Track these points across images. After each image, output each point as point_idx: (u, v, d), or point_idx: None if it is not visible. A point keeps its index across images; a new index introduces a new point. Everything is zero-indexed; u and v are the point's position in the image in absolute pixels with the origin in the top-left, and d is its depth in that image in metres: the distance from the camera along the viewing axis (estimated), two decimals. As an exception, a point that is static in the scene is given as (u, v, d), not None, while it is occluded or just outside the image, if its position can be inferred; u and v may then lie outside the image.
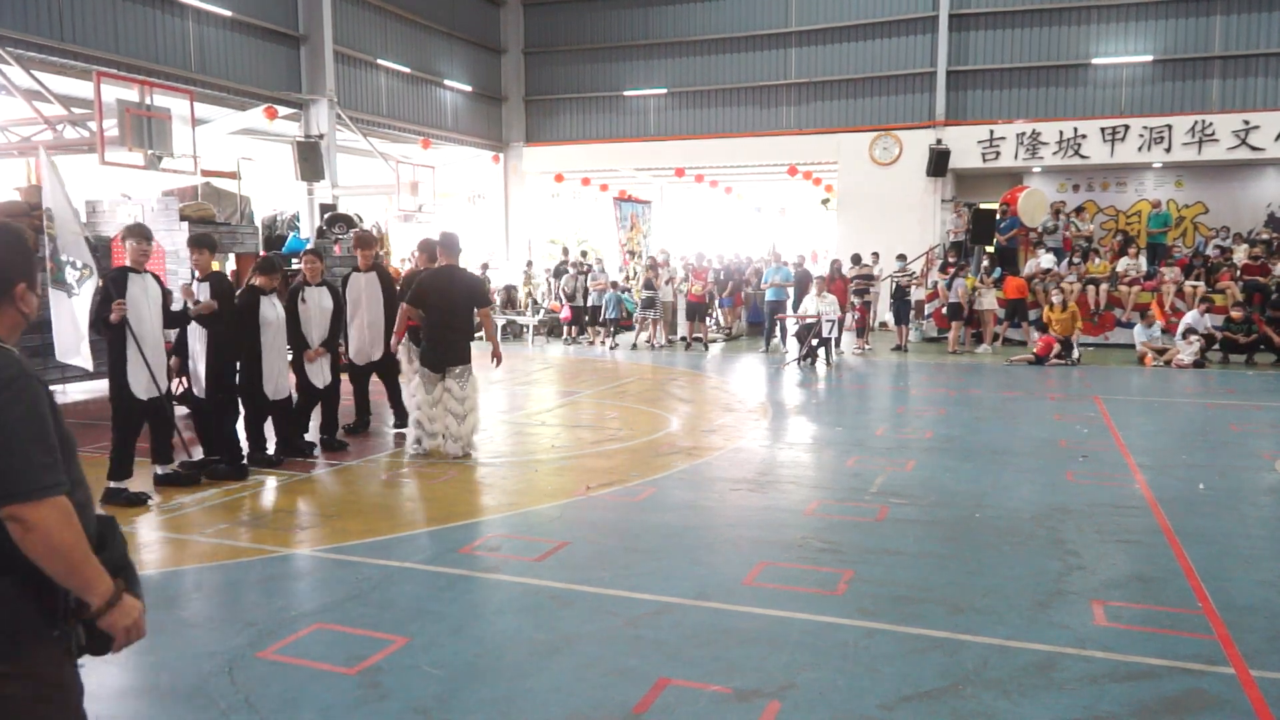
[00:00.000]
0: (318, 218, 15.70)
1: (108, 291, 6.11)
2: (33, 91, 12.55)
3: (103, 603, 1.91)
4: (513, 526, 5.73)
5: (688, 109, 23.02)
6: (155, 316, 6.39)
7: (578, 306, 17.97)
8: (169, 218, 10.44)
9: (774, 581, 4.66)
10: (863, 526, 5.64)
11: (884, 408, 10.85)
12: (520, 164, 24.76)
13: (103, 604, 1.91)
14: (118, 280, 6.20)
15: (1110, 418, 9.31)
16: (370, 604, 4.40)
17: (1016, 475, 7.00)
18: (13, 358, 1.91)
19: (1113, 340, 15.82)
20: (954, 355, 15.22)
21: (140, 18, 14.60)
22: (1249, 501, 6.25)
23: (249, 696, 3.47)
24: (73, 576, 1.86)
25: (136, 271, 6.31)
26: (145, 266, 6.40)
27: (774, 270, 16.35)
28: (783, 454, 7.93)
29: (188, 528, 5.69)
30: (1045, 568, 4.87)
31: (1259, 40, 18.51)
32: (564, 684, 3.57)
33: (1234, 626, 4.06)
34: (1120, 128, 19.04)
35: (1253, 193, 19.74)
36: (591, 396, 11.26)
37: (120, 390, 6.20)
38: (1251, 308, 14.44)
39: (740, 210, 30.78)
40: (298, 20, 17.79)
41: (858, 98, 21.42)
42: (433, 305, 7.45)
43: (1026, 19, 19.89)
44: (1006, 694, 3.47)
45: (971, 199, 20.17)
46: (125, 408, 6.24)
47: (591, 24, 23.56)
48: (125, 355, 6.17)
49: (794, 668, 3.69)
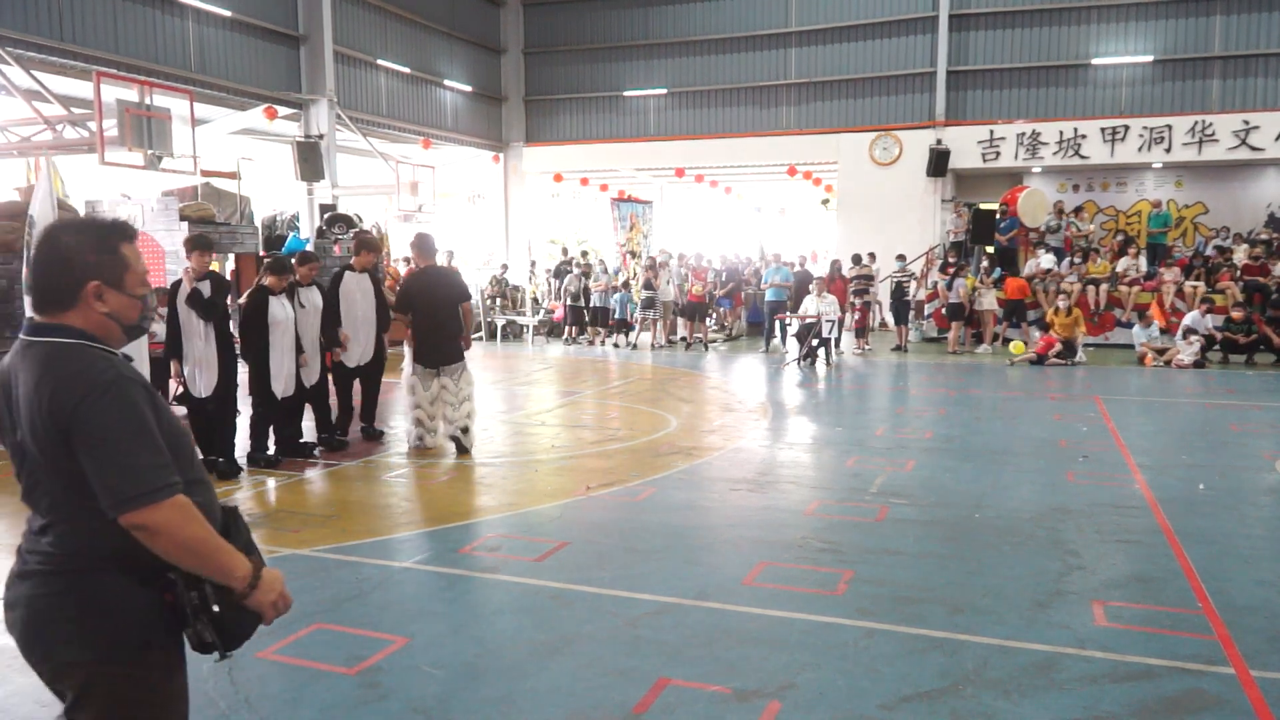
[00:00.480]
0: (317, 218, 15.70)
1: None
2: (33, 91, 12.54)
3: (245, 585, 1.94)
4: (513, 526, 5.73)
5: (688, 109, 23.02)
6: None
7: (579, 307, 17.97)
8: (169, 218, 10.44)
9: (774, 581, 4.66)
10: (863, 526, 5.64)
11: (884, 408, 10.85)
12: (520, 164, 24.76)
13: (245, 586, 1.94)
14: None
15: (1110, 418, 9.31)
16: (370, 604, 4.40)
17: (1016, 475, 7.00)
18: (109, 361, 1.92)
19: (1113, 340, 15.82)
20: (954, 355, 15.22)
21: (140, 18, 14.59)
22: (1249, 501, 6.25)
23: (249, 696, 3.47)
24: (208, 567, 1.89)
25: None
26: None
27: (774, 270, 16.34)
28: (783, 454, 7.93)
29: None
30: (1045, 568, 4.87)
31: (1259, 40, 18.50)
32: (564, 684, 3.57)
33: (1234, 626, 4.06)
34: (1120, 128, 19.04)
35: (1253, 193, 19.74)
36: (591, 396, 11.27)
37: None
38: (1252, 308, 14.45)
39: (740, 210, 30.77)
40: (298, 20, 17.78)
41: (858, 98, 21.41)
42: (418, 308, 7.59)
43: (1026, 19, 19.89)
44: (1006, 694, 3.47)
45: (971, 199, 20.17)
46: None
47: (591, 24, 23.55)
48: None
49: (794, 668, 3.69)
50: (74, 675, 1.92)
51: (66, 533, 1.91)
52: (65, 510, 1.91)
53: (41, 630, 1.92)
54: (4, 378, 1.96)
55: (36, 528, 1.95)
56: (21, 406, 1.89)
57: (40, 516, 1.94)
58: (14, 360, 1.95)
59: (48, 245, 1.96)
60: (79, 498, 1.86)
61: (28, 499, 1.97)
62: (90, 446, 1.81)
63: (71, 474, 1.85)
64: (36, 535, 1.95)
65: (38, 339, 1.93)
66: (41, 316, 1.96)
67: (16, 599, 1.94)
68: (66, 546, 1.91)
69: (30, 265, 2.02)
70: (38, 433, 1.86)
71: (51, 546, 1.91)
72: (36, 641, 1.92)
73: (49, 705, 3.43)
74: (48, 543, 1.92)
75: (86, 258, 1.95)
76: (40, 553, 1.93)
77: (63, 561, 1.91)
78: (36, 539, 1.94)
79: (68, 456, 1.84)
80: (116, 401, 1.85)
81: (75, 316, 1.94)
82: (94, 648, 1.89)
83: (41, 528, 1.93)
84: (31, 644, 1.93)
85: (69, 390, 1.83)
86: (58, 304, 1.94)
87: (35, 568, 1.92)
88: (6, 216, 9.92)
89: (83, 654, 1.90)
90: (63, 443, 1.84)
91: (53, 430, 1.84)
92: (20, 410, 1.90)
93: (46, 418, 1.84)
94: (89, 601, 1.89)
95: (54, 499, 1.91)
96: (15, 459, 1.98)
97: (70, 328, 1.93)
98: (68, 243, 1.95)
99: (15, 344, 1.97)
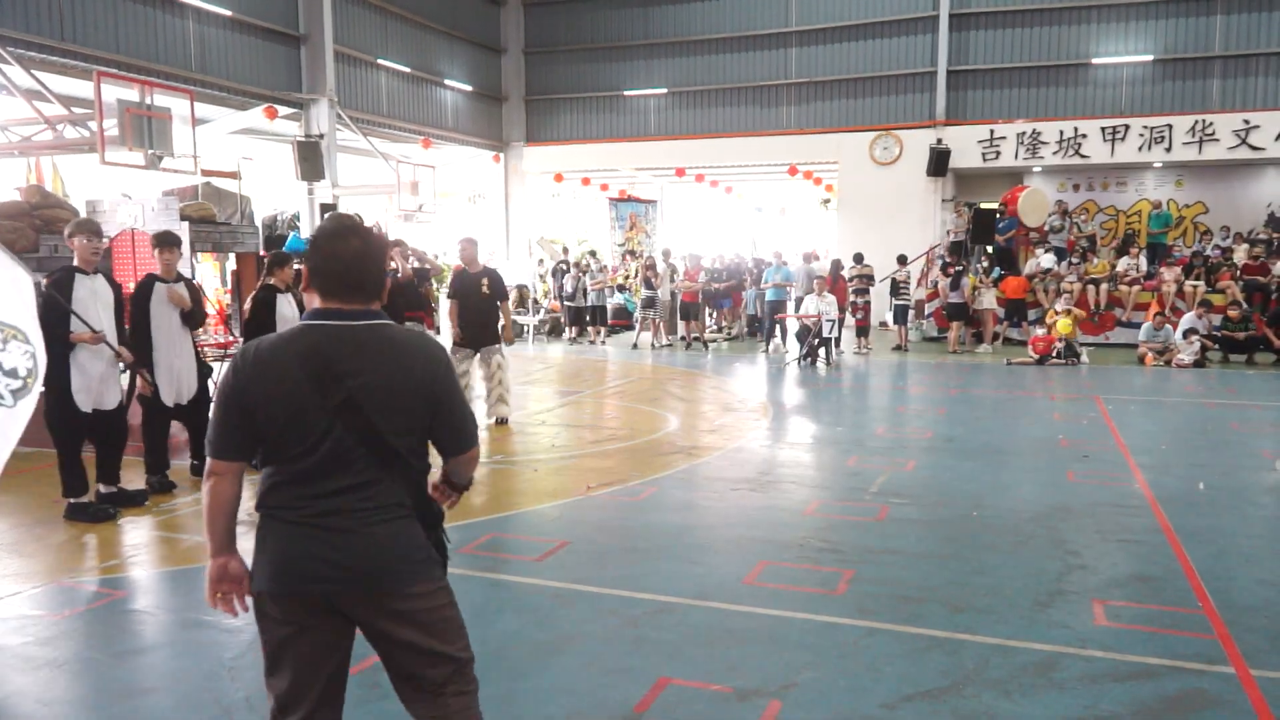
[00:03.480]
0: (318, 217, 15.71)
1: (52, 297, 5.46)
2: (33, 91, 12.54)
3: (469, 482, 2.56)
4: (513, 526, 5.73)
5: (688, 109, 23.02)
6: (109, 321, 5.82)
7: (578, 307, 17.96)
8: (169, 217, 10.43)
9: (774, 581, 4.66)
10: (863, 526, 5.64)
11: (884, 407, 10.85)
12: (520, 164, 24.76)
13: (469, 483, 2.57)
14: (62, 283, 5.60)
15: (1110, 417, 9.31)
16: (370, 603, 4.39)
17: (1017, 475, 7.00)
18: (436, 340, 2.45)
19: (1113, 340, 15.82)
20: (954, 355, 15.22)
21: (140, 17, 14.60)
22: (1249, 501, 6.25)
23: (249, 696, 3.47)
24: (468, 471, 2.52)
25: (84, 272, 5.73)
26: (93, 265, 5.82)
27: (774, 270, 16.33)
28: (783, 454, 7.92)
29: (184, 528, 5.69)
30: (1045, 567, 4.87)
31: (1259, 40, 18.50)
32: (564, 683, 3.57)
33: (1234, 626, 4.06)
34: (1120, 127, 19.04)
35: (1253, 192, 19.73)
36: (592, 396, 11.27)
37: (61, 402, 5.62)
38: (1252, 308, 14.44)
39: (740, 210, 30.76)
40: (298, 20, 17.78)
41: (858, 97, 21.41)
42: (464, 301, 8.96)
43: (1027, 19, 19.88)
44: (1007, 693, 3.47)
45: (972, 199, 20.16)
46: (66, 421, 5.66)
47: (592, 24, 23.55)
48: (68, 364, 5.59)
49: (794, 667, 3.69)
50: (424, 598, 2.28)
51: (397, 483, 2.26)
52: (396, 466, 2.25)
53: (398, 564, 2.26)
54: (316, 354, 2.20)
55: (351, 485, 2.21)
56: (370, 377, 2.19)
57: (355, 476, 2.22)
58: (327, 340, 2.21)
59: (368, 246, 2.28)
60: (407, 455, 2.26)
61: (334, 463, 2.20)
62: (453, 403, 2.32)
63: (420, 430, 2.29)
64: (353, 491, 2.22)
65: (360, 323, 2.25)
66: (354, 305, 2.25)
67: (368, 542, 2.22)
68: (394, 497, 2.26)
69: (341, 261, 2.26)
70: (397, 397, 2.22)
71: (382, 498, 2.24)
72: (386, 576, 2.24)
73: (49, 704, 3.44)
74: (377, 494, 2.24)
75: (385, 255, 2.46)
76: (375, 503, 2.24)
77: (396, 509, 2.26)
78: (353, 495, 2.22)
79: (423, 415, 2.27)
80: (452, 372, 2.37)
81: (376, 303, 2.30)
82: (433, 569, 2.32)
83: (363, 483, 2.22)
84: (380, 579, 2.23)
85: (437, 361, 2.29)
86: (375, 294, 2.30)
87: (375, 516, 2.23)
88: (6, 216, 9.92)
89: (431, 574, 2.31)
90: (424, 404, 2.26)
91: (418, 393, 2.24)
92: (365, 380, 2.19)
93: (418, 383, 2.24)
94: (417, 536, 2.30)
95: (383, 459, 2.23)
96: (315, 425, 2.18)
97: (381, 312, 2.30)
98: (377, 244, 2.33)
99: (325, 327, 2.23)
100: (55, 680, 3.64)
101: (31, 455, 7.76)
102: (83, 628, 4.17)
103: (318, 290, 2.27)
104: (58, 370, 5.45)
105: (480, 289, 8.90)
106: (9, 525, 5.78)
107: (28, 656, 3.83)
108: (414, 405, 2.25)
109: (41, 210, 10.35)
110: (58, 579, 4.79)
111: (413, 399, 2.24)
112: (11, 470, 7.22)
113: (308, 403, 2.18)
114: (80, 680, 3.67)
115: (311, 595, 2.22)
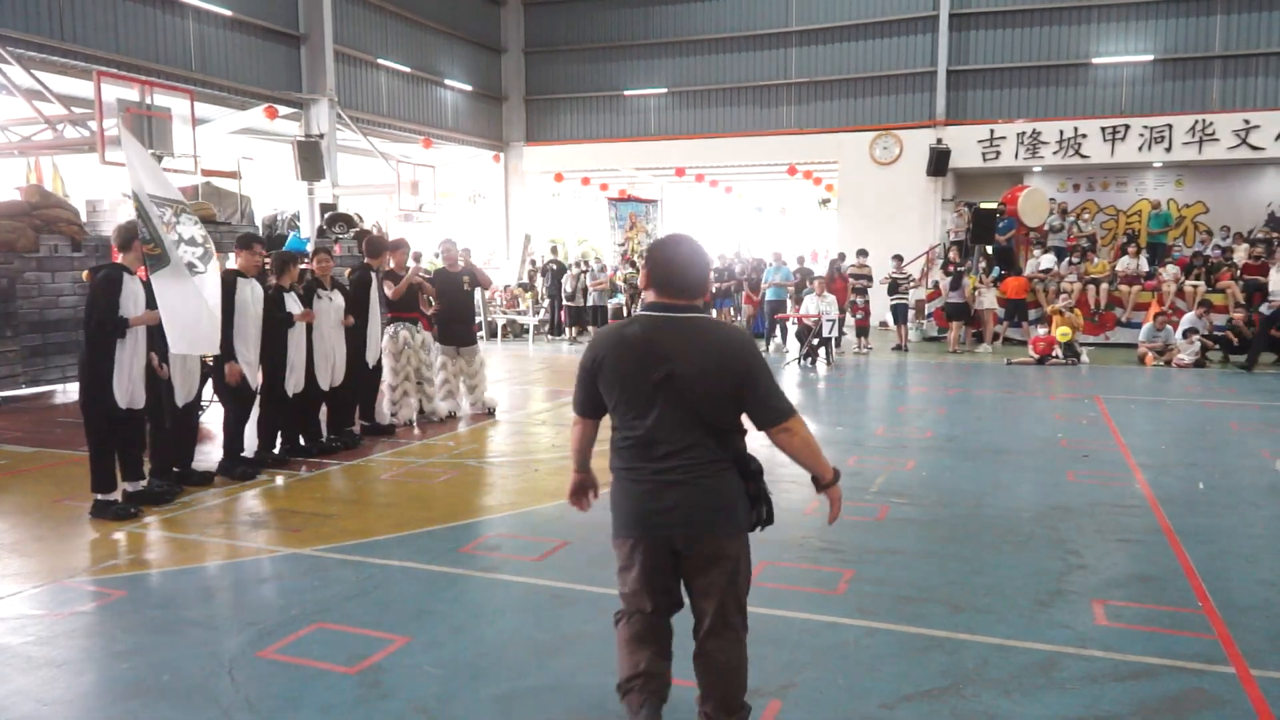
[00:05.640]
0: (318, 217, 15.71)
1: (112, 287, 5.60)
2: (33, 91, 12.55)
3: (830, 478, 2.99)
4: (513, 526, 5.73)
5: (688, 109, 23.03)
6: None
7: (579, 307, 17.96)
8: (169, 217, 10.41)
9: (774, 581, 4.66)
10: (863, 526, 5.63)
11: (884, 407, 10.85)
12: (520, 163, 24.77)
13: (830, 479, 2.99)
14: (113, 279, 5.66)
15: (1110, 417, 9.31)
16: (370, 604, 4.40)
17: (1017, 474, 7.00)
18: (743, 330, 3.00)
19: (1113, 340, 15.82)
20: (954, 355, 15.22)
21: (140, 17, 14.60)
22: (1249, 501, 6.25)
23: (249, 696, 3.47)
24: (817, 462, 2.92)
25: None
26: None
27: (774, 270, 16.33)
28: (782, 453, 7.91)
29: (188, 527, 5.69)
30: (1045, 567, 4.87)
31: (1259, 40, 18.51)
32: (565, 683, 3.57)
33: (1234, 626, 4.06)
34: (1120, 127, 19.05)
35: (1253, 192, 19.74)
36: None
37: (102, 396, 5.67)
38: (1252, 308, 14.43)
39: (740, 210, 30.76)
40: (298, 20, 17.79)
41: (858, 97, 21.42)
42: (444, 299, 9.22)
43: (1026, 18, 19.89)
44: (1007, 693, 3.47)
45: (972, 199, 20.16)
46: (105, 415, 5.71)
47: (592, 23, 23.57)
48: (113, 360, 5.67)
49: (794, 667, 3.69)
50: (733, 545, 2.81)
51: (714, 444, 2.75)
52: (712, 432, 2.74)
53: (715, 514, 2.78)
54: (646, 338, 2.71)
55: (675, 449, 2.72)
56: (686, 358, 2.66)
57: (677, 442, 2.72)
58: (655, 328, 2.72)
59: (698, 255, 2.79)
60: (720, 423, 2.74)
61: (661, 429, 2.71)
62: (757, 381, 2.71)
63: (731, 403, 2.72)
64: (676, 455, 2.72)
65: (682, 315, 2.74)
66: (679, 300, 2.75)
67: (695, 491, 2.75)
68: (712, 454, 2.75)
69: (670, 266, 2.76)
70: (707, 375, 2.67)
71: (702, 456, 2.74)
72: (702, 523, 2.77)
73: (49, 704, 3.44)
74: (697, 455, 2.73)
75: (708, 264, 2.86)
76: (696, 461, 2.74)
77: (715, 465, 2.76)
78: (677, 458, 2.72)
79: (733, 390, 2.69)
80: (760, 353, 2.80)
81: (699, 301, 2.78)
82: (739, 522, 2.83)
83: (686, 447, 2.72)
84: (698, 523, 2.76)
85: (743, 346, 2.74)
86: (698, 293, 2.78)
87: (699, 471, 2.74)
88: (6, 216, 9.93)
89: (735, 525, 2.82)
90: (732, 380, 2.69)
91: (725, 370, 2.68)
92: (683, 361, 2.66)
93: (727, 363, 2.68)
94: (732, 490, 2.80)
95: (704, 427, 2.72)
96: (642, 395, 2.71)
97: (700, 306, 2.79)
98: (701, 254, 2.80)
99: (655, 317, 2.75)
100: (55, 680, 3.64)
101: (32, 455, 7.77)
102: (83, 628, 4.17)
103: (654, 288, 2.76)
104: (103, 365, 5.69)
105: (461, 287, 9.20)
106: (9, 525, 5.78)
107: (28, 656, 3.83)
108: (723, 381, 2.69)
109: (41, 210, 10.35)
110: (58, 579, 4.79)
111: (720, 375, 2.68)
112: (12, 470, 7.24)
113: (638, 377, 2.70)
114: (80, 680, 3.67)
115: (652, 537, 2.78)
